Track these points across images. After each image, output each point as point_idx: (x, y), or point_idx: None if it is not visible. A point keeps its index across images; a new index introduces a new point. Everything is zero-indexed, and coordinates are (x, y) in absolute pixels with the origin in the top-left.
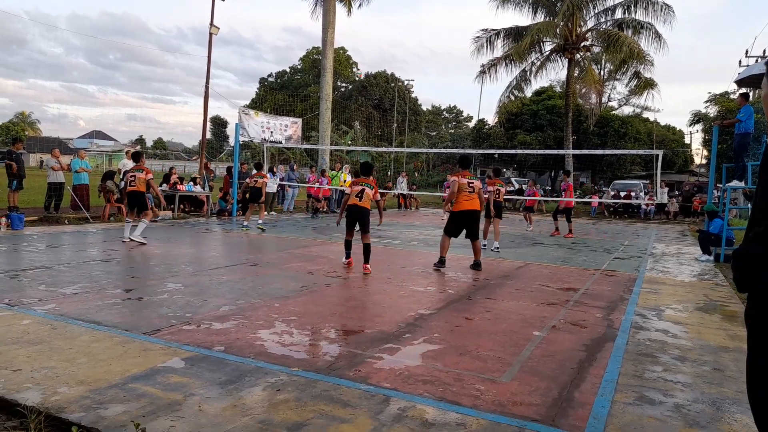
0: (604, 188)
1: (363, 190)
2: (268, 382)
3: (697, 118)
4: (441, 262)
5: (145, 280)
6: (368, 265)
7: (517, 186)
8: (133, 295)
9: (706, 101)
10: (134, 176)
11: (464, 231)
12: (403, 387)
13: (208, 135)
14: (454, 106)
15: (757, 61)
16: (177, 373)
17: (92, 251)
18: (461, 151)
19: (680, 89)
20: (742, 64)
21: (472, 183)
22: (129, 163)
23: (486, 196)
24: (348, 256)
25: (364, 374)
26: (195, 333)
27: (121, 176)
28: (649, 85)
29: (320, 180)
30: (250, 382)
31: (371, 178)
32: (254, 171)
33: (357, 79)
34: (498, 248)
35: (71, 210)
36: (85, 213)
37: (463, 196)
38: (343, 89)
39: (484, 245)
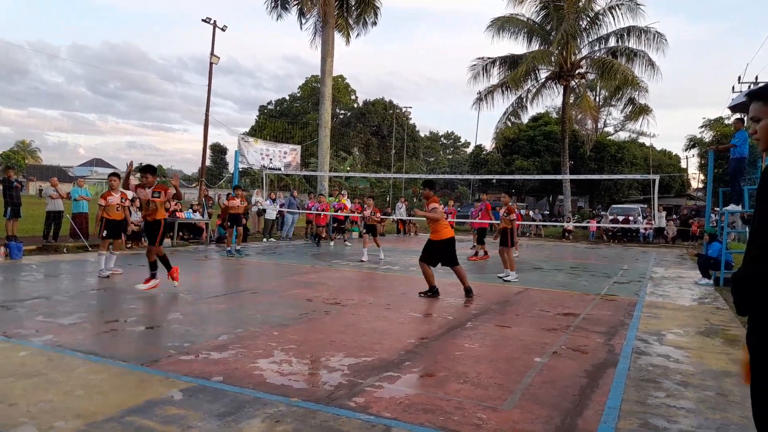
0: (602, 212)
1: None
2: (267, 413)
3: (693, 143)
4: (434, 292)
5: (144, 309)
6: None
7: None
8: (131, 325)
9: (701, 126)
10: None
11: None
12: (403, 416)
13: (208, 162)
14: (452, 132)
15: (749, 87)
16: (175, 405)
17: (90, 280)
18: (459, 177)
19: (675, 114)
20: (735, 90)
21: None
22: (129, 193)
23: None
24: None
25: (365, 403)
26: (193, 363)
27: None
28: (644, 110)
29: (322, 206)
30: (249, 413)
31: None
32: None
33: (355, 106)
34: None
35: (70, 239)
36: (84, 242)
37: (443, 223)
38: (341, 116)
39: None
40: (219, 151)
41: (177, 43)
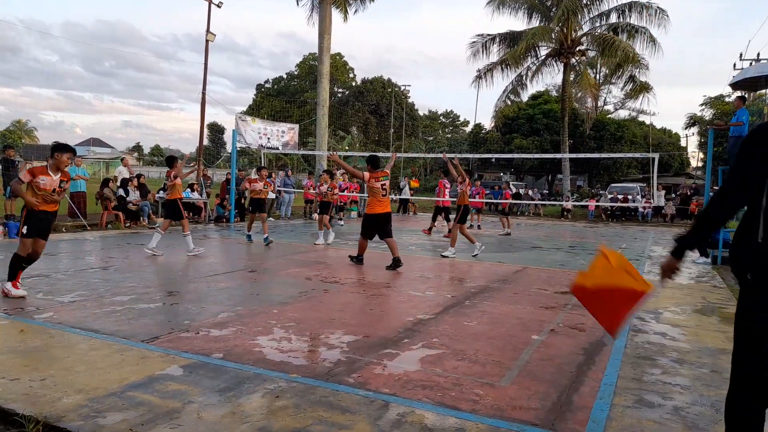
0: (601, 192)
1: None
2: (266, 388)
3: (693, 121)
4: (359, 260)
5: (143, 287)
6: None
7: (514, 190)
8: (131, 303)
9: (702, 104)
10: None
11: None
12: (402, 392)
13: (206, 141)
14: (451, 111)
15: (751, 64)
16: (175, 381)
17: (90, 259)
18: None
19: (676, 92)
20: (736, 68)
21: (385, 184)
22: (125, 171)
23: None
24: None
25: (363, 380)
26: (193, 340)
27: (118, 183)
28: (644, 88)
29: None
30: (249, 388)
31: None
32: (253, 175)
33: (354, 84)
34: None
35: (68, 218)
36: (82, 221)
37: (377, 198)
38: (339, 95)
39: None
40: (216, 130)
41: (171, 21)
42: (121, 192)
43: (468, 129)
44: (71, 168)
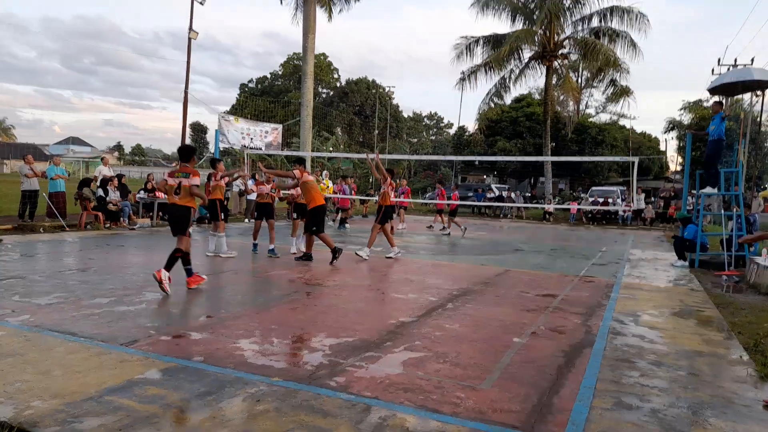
0: (582, 195)
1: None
2: (247, 392)
3: (672, 125)
4: (309, 257)
5: (123, 289)
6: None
7: (497, 193)
8: (110, 306)
9: (681, 109)
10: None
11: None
12: (383, 395)
13: (188, 141)
14: (435, 113)
15: (728, 69)
16: (155, 385)
17: (68, 260)
18: (442, 158)
19: (655, 96)
20: (714, 73)
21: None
22: (105, 170)
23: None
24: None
25: (345, 383)
26: (173, 343)
27: (97, 183)
28: (625, 92)
29: (341, 187)
30: (230, 392)
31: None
32: (254, 178)
33: (338, 85)
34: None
35: (47, 218)
36: (61, 221)
37: (316, 192)
38: (324, 95)
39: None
40: (199, 130)
41: (152, 17)
42: (100, 192)
43: (452, 131)
44: (50, 167)
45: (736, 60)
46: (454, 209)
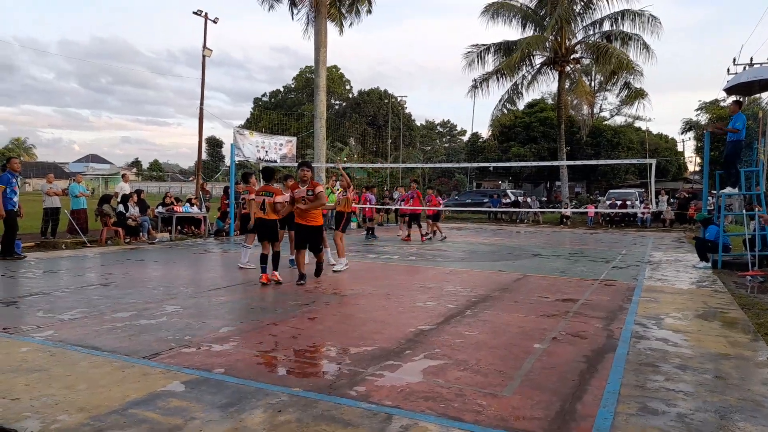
0: (599, 198)
1: (264, 200)
2: (269, 403)
3: (689, 126)
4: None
5: (144, 303)
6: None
7: (513, 198)
8: (132, 319)
9: (697, 109)
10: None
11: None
12: (404, 404)
13: (204, 156)
14: (448, 121)
15: (744, 68)
16: (177, 397)
17: (90, 276)
18: (456, 165)
19: (671, 98)
20: (730, 72)
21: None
22: (126, 187)
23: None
24: (264, 270)
25: (366, 392)
26: (194, 356)
27: (118, 199)
28: (639, 94)
29: (366, 196)
30: (251, 404)
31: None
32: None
33: (350, 96)
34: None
35: (69, 235)
36: (82, 237)
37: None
38: (336, 107)
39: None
40: (215, 144)
41: (166, 36)
42: (120, 208)
43: (465, 138)
44: (72, 185)
45: (752, 59)
46: (434, 214)
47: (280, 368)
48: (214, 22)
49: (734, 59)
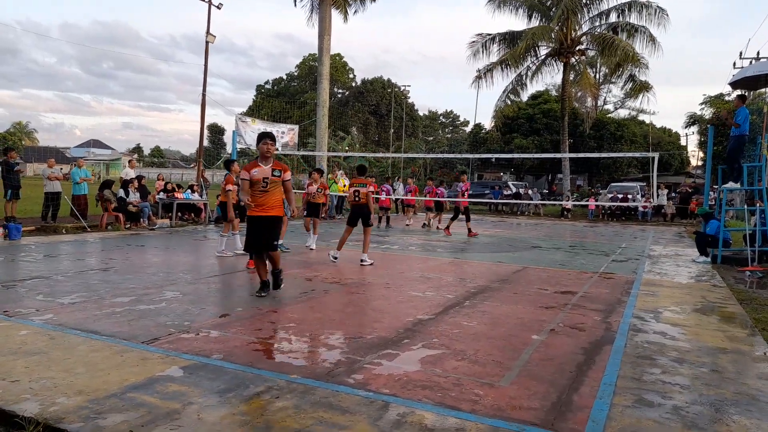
0: (601, 191)
1: (357, 190)
2: (267, 389)
3: (693, 120)
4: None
5: (143, 288)
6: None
7: (514, 190)
8: (131, 304)
9: (701, 103)
10: (358, 191)
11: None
12: (402, 393)
13: (206, 142)
14: (451, 111)
15: (750, 62)
16: (175, 382)
17: (90, 260)
18: (458, 156)
19: (675, 91)
20: (736, 66)
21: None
22: (132, 173)
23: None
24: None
25: (363, 380)
26: (193, 341)
27: (120, 185)
28: (644, 87)
29: (384, 188)
30: (249, 390)
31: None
32: (308, 177)
33: (354, 85)
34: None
35: (74, 220)
36: (82, 222)
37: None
38: (339, 95)
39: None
40: (217, 131)
41: (168, 22)
42: (121, 193)
43: (468, 129)
44: (74, 170)
45: (758, 53)
46: (437, 204)
47: (279, 355)
48: (218, 8)
49: (741, 53)
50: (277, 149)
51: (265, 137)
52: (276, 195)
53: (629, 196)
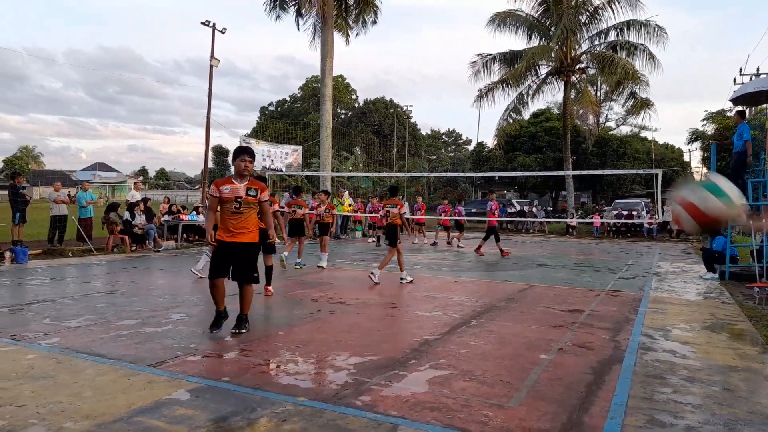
0: (605, 208)
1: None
2: (274, 412)
3: (695, 136)
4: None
5: (149, 311)
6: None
7: (518, 207)
8: (138, 327)
9: (703, 119)
10: (389, 211)
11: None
12: (410, 415)
13: (210, 164)
14: (453, 130)
15: (751, 78)
16: (182, 405)
17: (96, 283)
18: (462, 174)
19: (677, 108)
20: (736, 82)
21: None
22: (138, 195)
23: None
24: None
25: (371, 402)
26: (200, 363)
27: (126, 208)
28: (645, 104)
29: (379, 206)
30: (256, 412)
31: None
32: (288, 197)
33: (356, 106)
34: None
35: (80, 243)
36: (89, 245)
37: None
38: (342, 116)
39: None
40: (221, 153)
41: (171, 46)
42: (127, 216)
43: (471, 147)
44: (80, 194)
45: (758, 69)
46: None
47: (285, 377)
48: (222, 32)
49: (741, 69)
50: (281, 170)
51: (242, 153)
52: (251, 218)
53: (634, 213)
